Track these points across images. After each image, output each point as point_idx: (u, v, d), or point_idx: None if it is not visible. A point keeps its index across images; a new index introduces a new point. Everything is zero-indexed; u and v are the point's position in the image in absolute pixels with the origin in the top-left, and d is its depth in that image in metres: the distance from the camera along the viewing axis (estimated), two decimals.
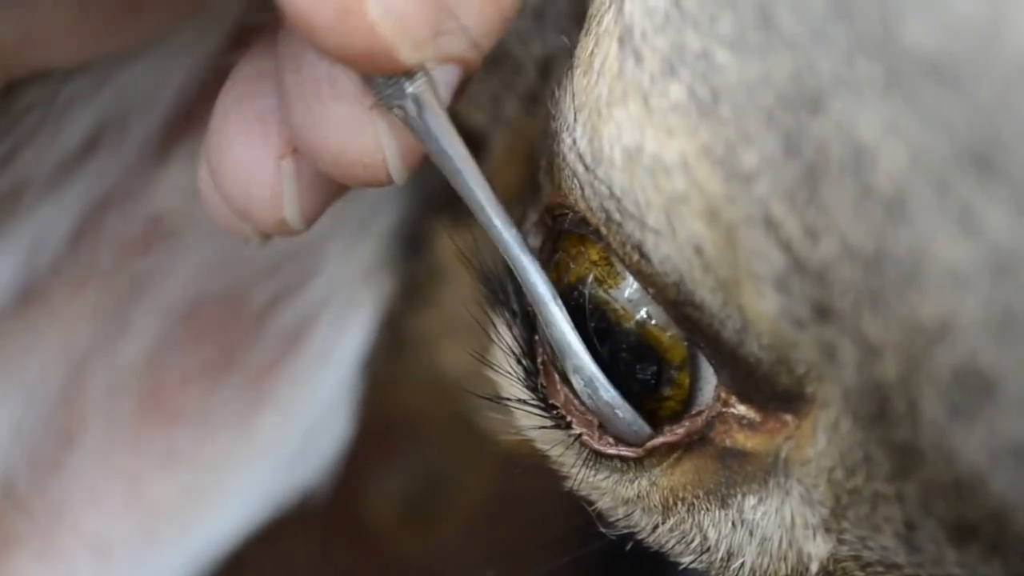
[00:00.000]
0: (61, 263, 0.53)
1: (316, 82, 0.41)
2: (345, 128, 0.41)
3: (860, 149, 0.37)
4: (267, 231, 0.45)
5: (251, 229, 0.45)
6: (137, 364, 0.56)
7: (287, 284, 0.56)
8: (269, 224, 0.44)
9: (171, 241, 0.55)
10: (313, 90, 0.41)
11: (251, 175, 0.44)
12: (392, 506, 0.70)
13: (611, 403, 0.44)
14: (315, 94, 0.41)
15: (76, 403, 0.56)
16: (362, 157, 0.42)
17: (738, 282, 0.39)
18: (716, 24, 0.39)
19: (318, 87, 0.41)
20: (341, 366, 0.57)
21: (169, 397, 0.57)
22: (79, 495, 0.56)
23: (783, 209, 0.38)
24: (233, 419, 0.57)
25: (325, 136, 0.42)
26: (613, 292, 0.43)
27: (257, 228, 0.45)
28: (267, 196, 0.44)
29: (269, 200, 0.44)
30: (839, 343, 0.38)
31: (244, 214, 0.44)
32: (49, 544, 0.56)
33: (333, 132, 0.41)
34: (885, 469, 0.39)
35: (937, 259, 0.36)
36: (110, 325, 0.56)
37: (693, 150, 0.39)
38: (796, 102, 0.38)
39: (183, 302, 0.56)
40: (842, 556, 0.41)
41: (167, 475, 0.57)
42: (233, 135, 0.44)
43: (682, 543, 0.44)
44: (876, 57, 0.37)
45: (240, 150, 0.44)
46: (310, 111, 0.41)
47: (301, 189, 0.44)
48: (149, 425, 0.57)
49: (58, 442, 0.56)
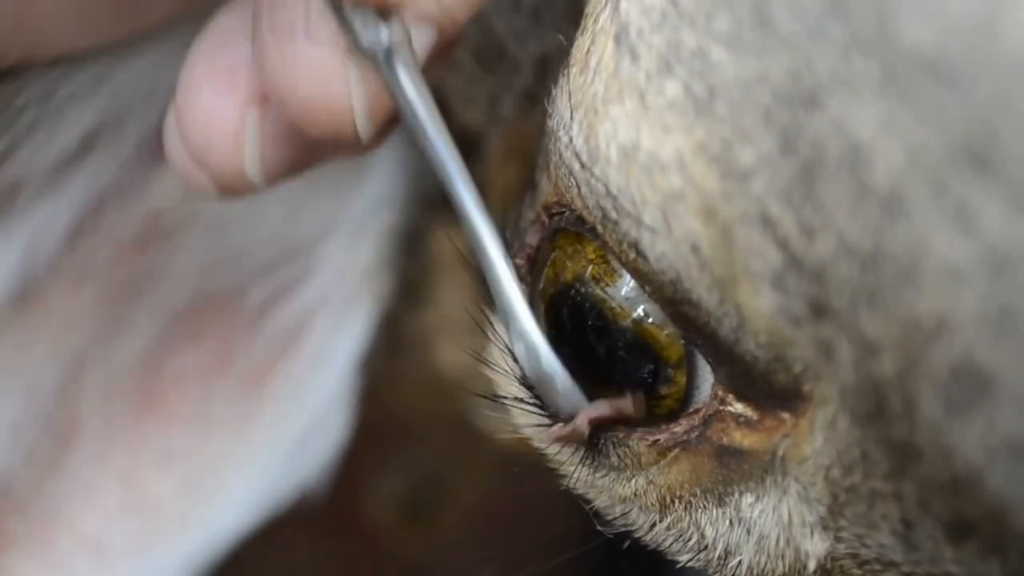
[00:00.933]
0: (58, 262, 0.53)
1: (292, 23, 0.41)
2: (316, 73, 0.41)
3: (857, 147, 0.37)
4: (225, 183, 0.44)
5: (208, 179, 0.45)
6: (134, 363, 0.56)
7: (284, 283, 0.56)
8: (227, 175, 0.44)
9: (168, 240, 0.55)
10: (288, 31, 0.41)
11: (213, 121, 0.44)
12: (390, 505, 0.70)
13: (551, 372, 0.43)
14: (290, 35, 0.41)
15: (73, 402, 0.56)
16: (330, 105, 0.41)
17: (735, 280, 0.39)
18: (712, 22, 0.39)
19: (293, 28, 0.41)
20: (339, 365, 0.57)
21: (166, 396, 0.57)
22: (76, 495, 0.56)
23: (780, 207, 0.38)
24: (231, 418, 0.57)
25: (296, 80, 0.41)
26: (610, 290, 0.43)
27: (215, 178, 0.44)
28: (228, 144, 0.44)
29: (230, 149, 0.44)
30: (836, 341, 0.38)
31: (203, 161, 0.44)
32: (46, 544, 0.56)
33: (304, 76, 0.41)
34: (882, 467, 0.39)
35: (934, 256, 0.36)
36: (107, 324, 0.55)
37: (689, 147, 0.39)
38: (792, 100, 0.38)
39: (181, 301, 0.56)
40: (839, 554, 0.41)
41: (164, 475, 0.57)
42: (200, 81, 0.44)
43: (679, 541, 0.44)
44: (872, 55, 0.37)
45: (205, 96, 0.44)
46: (283, 53, 0.41)
47: (264, 141, 0.44)
48: (146, 424, 0.57)
49: (55, 442, 0.56)
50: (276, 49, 0.42)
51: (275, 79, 0.42)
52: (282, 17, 0.41)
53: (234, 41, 0.44)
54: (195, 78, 0.44)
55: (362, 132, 0.42)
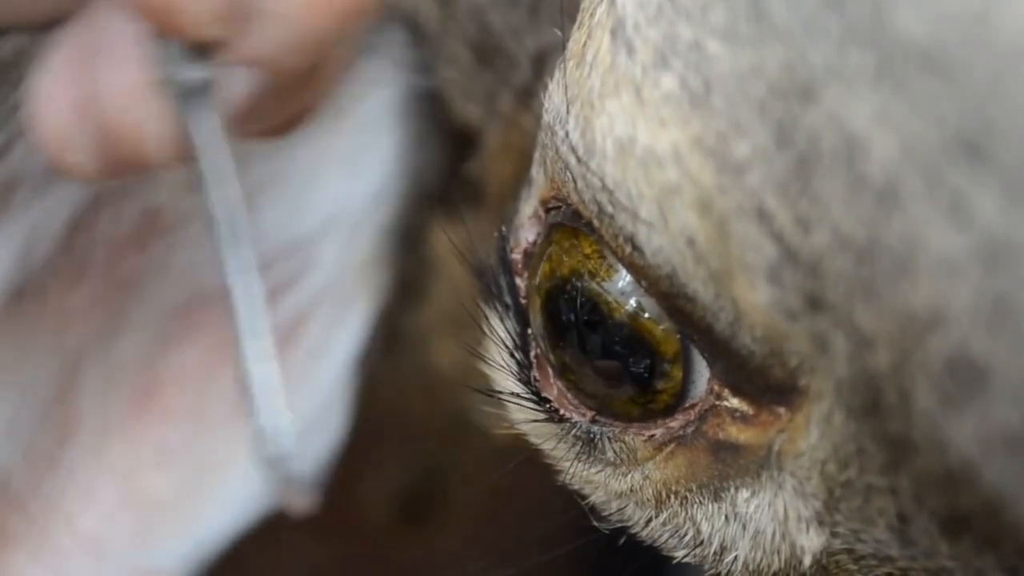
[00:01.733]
0: (55, 259, 0.53)
1: (111, 42, 0.42)
2: (124, 95, 0.42)
3: (852, 139, 0.37)
4: (62, 170, 0.45)
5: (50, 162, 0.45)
6: (132, 361, 0.56)
7: (282, 280, 0.56)
8: (62, 165, 0.45)
9: (165, 237, 0.55)
10: (107, 49, 0.42)
11: (50, 112, 0.44)
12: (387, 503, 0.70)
13: (287, 455, 0.41)
14: (108, 53, 0.42)
15: (71, 400, 0.56)
16: (131, 129, 0.42)
17: (731, 274, 0.39)
18: (708, 15, 0.39)
19: (112, 47, 0.42)
20: (336, 363, 0.56)
21: (164, 394, 0.57)
22: (74, 492, 0.56)
23: (775, 200, 0.38)
24: (228, 416, 0.57)
25: (106, 98, 0.42)
26: (606, 285, 0.43)
27: (54, 165, 0.45)
28: (59, 137, 0.44)
29: (61, 143, 0.44)
30: (832, 334, 0.38)
31: (43, 148, 0.45)
32: (44, 542, 0.56)
33: (114, 96, 0.42)
34: (878, 461, 0.38)
35: (929, 248, 0.36)
36: (105, 321, 0.55)
37: (685, 141, 0.39)
38: (788, 92, 0.38)
39: (178, 298, 0.56)
40: (835, 549, 0.41)
41: (162, 472, 0.57)
42: (51, 67, 0.44)
43: (675, 537, 0.44)
44: (867, 46, 0.36)
45: (49, 85, 0.44)
46: (98, 69, 0.42)
47: (87, 142, 0.44)
48: (144, 422, 0.57)
49: (53, 439, 0.56)
50: (93, 62, 0.42)
51: (91, 94, 0.42)
52: (104, 33, 0.42)
53: (99, 29, 0.44)
54: (51, 62, 0.44)
55: (161, 162, 0.43)
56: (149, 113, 0.42)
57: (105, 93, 0.42)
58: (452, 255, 0.51)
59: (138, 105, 0.42)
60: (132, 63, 0.41)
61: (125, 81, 0.42)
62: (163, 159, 0.42)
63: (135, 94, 0.42)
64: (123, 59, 0.42)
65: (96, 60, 0.42)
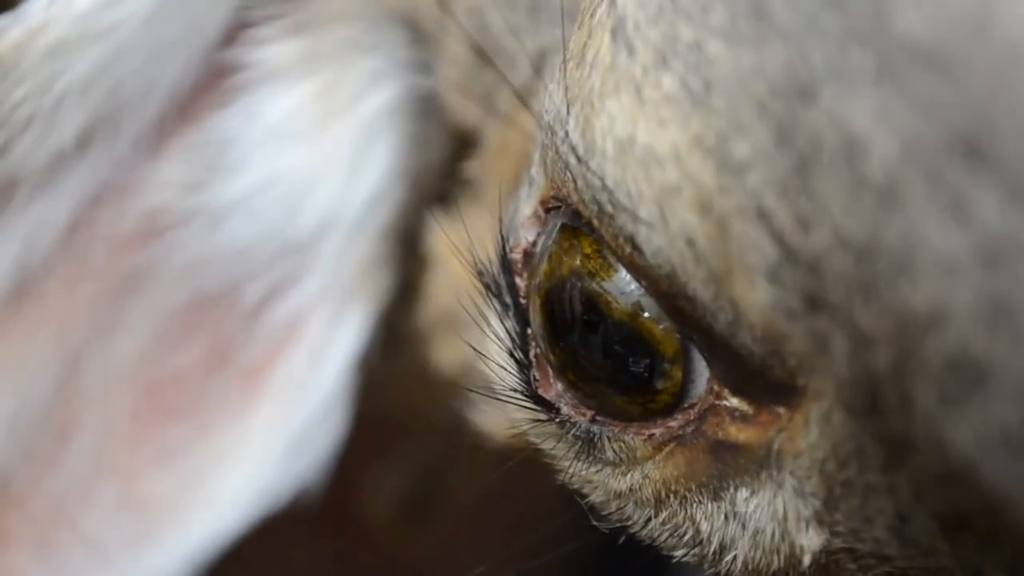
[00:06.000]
0: (55, 259, 0.53)
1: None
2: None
3: (852, 138, 0.36)
4: None
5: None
6: (132, 361, 0.56)
7: (282, 280, 0.56)
8: None
9: (165, 237, 0.55)
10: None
11: None
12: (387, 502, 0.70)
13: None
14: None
15: (71, 400, 0.56)
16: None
17: (730, 274, 0.39)
18: (709, 15, 0.39)
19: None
20: (336, 363, 0.56)
21: (164, 394, 0.57)
22: (74, 492, 0.56)
23: (775, 200, 0.38)
24: (228, 416, 0.57)
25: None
26: (606, 285, 0.43)
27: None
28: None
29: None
30: (831, 334, 0.38)
31: None
32: (45, 541, 0.56)
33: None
34: (877, 461, 0.38)
35: (929, 248, 0.36)
36: (104, 321, 0.55)
37: (685, 141, 0.39)
38: (788, 92, 0.37)
39: (178, 298, 0.56)
40: (835, 548, 0.41)
41: (162, 472, 0.57)
42: None
43: (675, 536, 0.44)
44: (868, 46, 0.36)
45: None
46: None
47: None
48: (144, 422, 0.57)
49: (53, 439, 0.56)
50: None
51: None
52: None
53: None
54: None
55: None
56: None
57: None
58: (452, 255, 0.51)
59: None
60: None
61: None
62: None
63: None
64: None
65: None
